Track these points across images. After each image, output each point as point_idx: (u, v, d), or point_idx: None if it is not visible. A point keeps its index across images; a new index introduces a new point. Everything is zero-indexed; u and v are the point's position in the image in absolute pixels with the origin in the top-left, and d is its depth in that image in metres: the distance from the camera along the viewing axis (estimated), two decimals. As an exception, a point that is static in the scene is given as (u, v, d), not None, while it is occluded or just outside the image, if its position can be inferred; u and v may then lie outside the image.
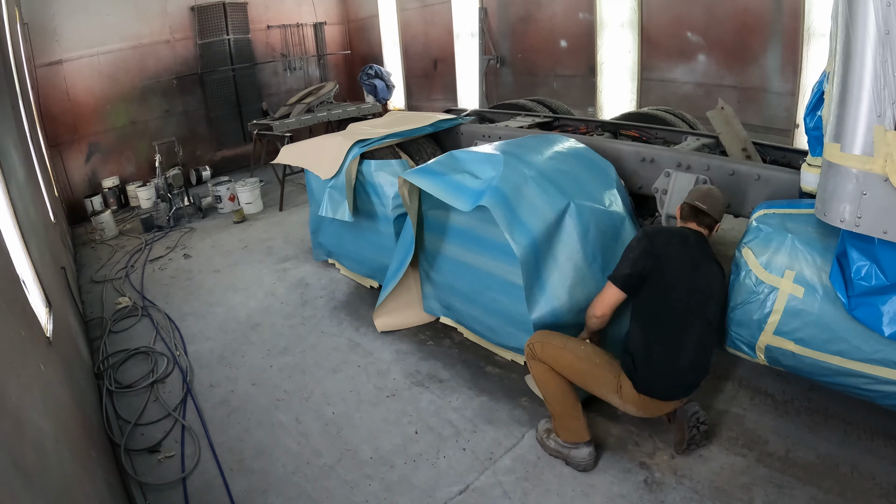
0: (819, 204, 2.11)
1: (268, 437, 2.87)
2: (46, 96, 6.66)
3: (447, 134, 4.80)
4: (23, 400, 1.62)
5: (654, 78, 6.68)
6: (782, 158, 3.60)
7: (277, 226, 6.07)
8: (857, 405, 2.63)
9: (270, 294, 4.44)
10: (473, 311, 3.37)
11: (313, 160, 4.27)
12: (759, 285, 2.40)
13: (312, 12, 9.49)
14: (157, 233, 6.18)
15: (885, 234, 1.90)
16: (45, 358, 2.18)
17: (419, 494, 2.45)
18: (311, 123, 7.51)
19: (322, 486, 2.53)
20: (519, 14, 7.92)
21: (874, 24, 1.77)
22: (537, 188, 2.93)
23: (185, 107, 8.13)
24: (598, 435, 2.67)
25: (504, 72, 8.39)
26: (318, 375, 3.33)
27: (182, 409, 3.13)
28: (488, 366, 3.28)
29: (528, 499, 2.37)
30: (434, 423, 2.85)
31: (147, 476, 2.67)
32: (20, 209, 3.00)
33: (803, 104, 4.50)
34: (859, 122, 1.86)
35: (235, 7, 8.29)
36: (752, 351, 2.54)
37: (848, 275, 2.11)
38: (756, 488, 2.32)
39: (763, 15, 5.57)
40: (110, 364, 3.62)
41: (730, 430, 2.64)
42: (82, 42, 6.91)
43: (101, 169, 7.39)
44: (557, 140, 3.60)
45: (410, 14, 9.46)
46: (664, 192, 3.37)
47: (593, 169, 3.33)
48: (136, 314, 4.29)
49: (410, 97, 10.16)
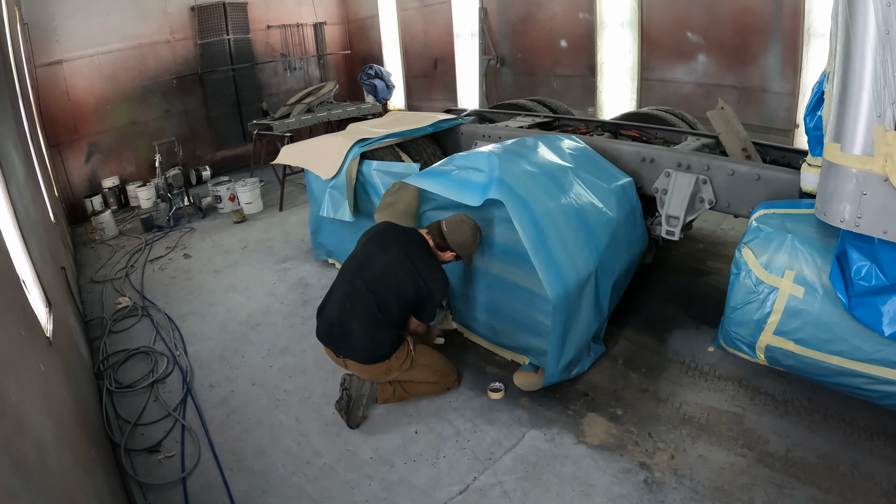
0: (819, 204, 2.11)
1: (268, 437, 2.87)
2: (46, 96, 6.66)
3: (447, 134, 4.80)
4: (23, 400, 1.62)
5: (654, 78, 6.69)
6: (782, 158, 3.60)
7: (277, 226, 6.07)
8: (857, 405, 2.63)
9: (270, 294, 4.44)
10: (474, 311, 3.38)
11: (313, 160, 4.27)
12: (759, 285, 2.41)
13: (312, 12, 9.48)
14: (157, 233, 6.18)
15: (885, 234, 1.90)
16: (45, 358, 2.18)
17: (419, 494, 2.45)
18: (311, 123, 7.51)
19: (322, 486, 2.54)
20: (519, 14, 7.92)
21: (874, 24, 1.77)
22: (538, 180, 2.96)
23: (185, 107, 8.13)
24: (599, 435, 2.68)
25: (504, 72, 8.39)
26: (319, 375, 3.33)
27: (182, 409, 3.12)
28: (488, 366, 3.28)
29: (528, 499, 2.37)
30: (434, 423, 2.85)
31: (147, 476, 2.67)
32: (20, 209, 3.00)
33: (803, 104, 4.50)
34: (859, 122, 1.86)
35: (235, 7, 8.29)
36: (752, 351, 2.54)
37: (848, 275, 2.11)
38: (756, 488, 2.31)
39: (763, 15, 5.57)
40: (110, 364, 3.62)
41: (730, 430, 2.64)
42: (82, 42, 6.90)
43: (101, 169, 7.38)
44: (558, 139, 3.61)
45: (410, 14, 9.46)
46: (664, 192, 3.37)
47: (591, 165, 3.34)
48: (136, 314, 4.29)
49: (410, 97, 10.16)
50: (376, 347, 2.73)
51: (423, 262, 2.74)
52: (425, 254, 2.79)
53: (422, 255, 2.77)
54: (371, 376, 2.84)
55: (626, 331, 3.48)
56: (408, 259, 2.71)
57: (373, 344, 2.72)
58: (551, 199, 2.91)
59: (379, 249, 2.75)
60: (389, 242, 2.77)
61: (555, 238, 2.76)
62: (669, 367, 3.13)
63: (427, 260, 2.77)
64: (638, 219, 3.36)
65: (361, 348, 2.73)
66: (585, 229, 2.94)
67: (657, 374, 3.09)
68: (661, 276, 4.12)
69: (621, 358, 3.24)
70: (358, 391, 2.88)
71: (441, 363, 3.02)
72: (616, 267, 3.10)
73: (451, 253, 2.84)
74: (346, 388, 2.88)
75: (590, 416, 2.82)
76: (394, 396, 2.95)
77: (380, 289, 2.68)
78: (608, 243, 3.01)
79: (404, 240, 2.80)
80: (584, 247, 2.88)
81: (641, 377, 3.07)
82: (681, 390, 2.94)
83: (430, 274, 2.73)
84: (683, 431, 2.66)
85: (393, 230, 2.87)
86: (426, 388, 2.99)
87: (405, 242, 2.78)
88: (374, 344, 2.72)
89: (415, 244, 2.80)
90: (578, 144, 3.55)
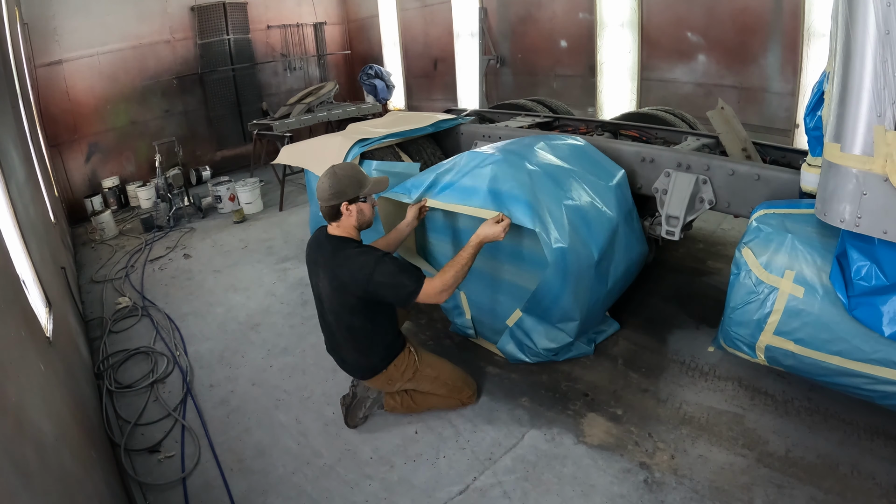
0: (819, 204, 2.11)
1: (268, 437, 2.87)
2: (46, 96, 6.66)
3: (447, 134, 4.80)
4: (23, 400, 1.62)
5: (654, 78, 6.69)
6: (782, 158, 3.60)
7: (277, 226, 6.07)
8: (857, 405, 2.63)
9: (270, 294, 4.44)
10: (474, 311, 3.38)
11: (313, 160, 4.27)
12: (759, 285, 2.40)
13: (312, 12, 9.49)
14: (157, 233, 6.18)
15: (885, 234, 1.89)
16: (45, 358, 2.18)
17: (419, 494, 2.45)
18: (311, 123, 7.51)
19: (322, 486, 2.54)
20: (519, 14, 7.93)
21: (874, 24, 1.77)
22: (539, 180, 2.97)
23: (185, 107, 8.13)
24: (599, 435, 2.68)
25: (504, 72, 8.39)
26: (319, 375, 3.33)
27: (182, 409, 3.13)
28: (488, 366, 3.28)
29: (528, 499, 2.38)
30: (434, 423, 2.85)
31: (147, 476, 2.67)
32: (20, 209, 3.00)
33: (803, 104, 4.50)
34: (859, 122, 1.86)
35: (235, 7, 8.29)
36: (752, 351, 2.54)
37: (848, 275, 2.11)
38: (756, 488, 2.31)
39: (763, 15, 5.57)
40: (110, 364, 3.62)
41: (730, 430, 2.64)
42: (82, 42, 6.90)
43: (101, 169, 7.39)
44: (558, 138, 3.60)
45: (410, 14, 9.46)
46: (664, 192, 3.37)
47: (591, 163, 3.34)
48: (136, 314, 4.29)
49: (410, 97, 10.16)
50: (368, 364, 2.68)
51: (339, 264, 2.45)
52: (338, 253, 2.47)
53: (335, 258, 2.47)
54: (377, 387, 2.81)
55: (626, 331, 3.48)
56: (329, 275, 2.49)
57: (364, 361, 2.68)
58: (552, 198, 2.91)
59: (313, 278, 2.65)
60: (314, 267, 2.63)
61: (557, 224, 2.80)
62: (669, 367, 3.14)
63: (343, 257, 2.46)
64: (635, 219, 3.36)
65: (357, 368, 2.73)
66: (587, 228, 2.94)
67: (657, 374, 3.09)
68: (661, 276, 4.12)
69: (621, 358, 3.24)
70: (364, 392, 2.87)
71: (452, 376, 2.86)
72: (615, 268, 3.11)
73: (343, 206, 2.48)
74: (354, 386, 2.90)
75: (590, 416, 2.82)
76: (401, 406, 2.88)
77: (337, 315, 2.57)
78: (608, 242, 3.01)
79: (320, 256, 2.55)
80: (584, 244, 2.89)
81: (641, 377, 3.07)
82: (681, 390, 2.94)
83: (351, 269, 2.41)
84: (683, 431, 2.66)
85: (312, 250, 2.65)
86: (436, 401, 2.87)
87: (322, 259, 2.53)
88: (365, 361, 2.68)
89: (328, 254, 2.51)
90: (578, 143, 3.55)
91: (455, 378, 2.87)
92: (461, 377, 2.91)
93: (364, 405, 2.86)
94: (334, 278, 2.47)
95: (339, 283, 2.46)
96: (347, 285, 2.43)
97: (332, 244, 2.52)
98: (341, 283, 2.45)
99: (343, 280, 2.44)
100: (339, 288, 2.47)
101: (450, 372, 2.87)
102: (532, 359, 3.14)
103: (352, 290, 2.44)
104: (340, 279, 2.44)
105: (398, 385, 2.76)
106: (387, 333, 2.66)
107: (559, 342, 3.06)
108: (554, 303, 2.88)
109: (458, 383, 2.87)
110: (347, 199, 2.48)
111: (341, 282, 2.45)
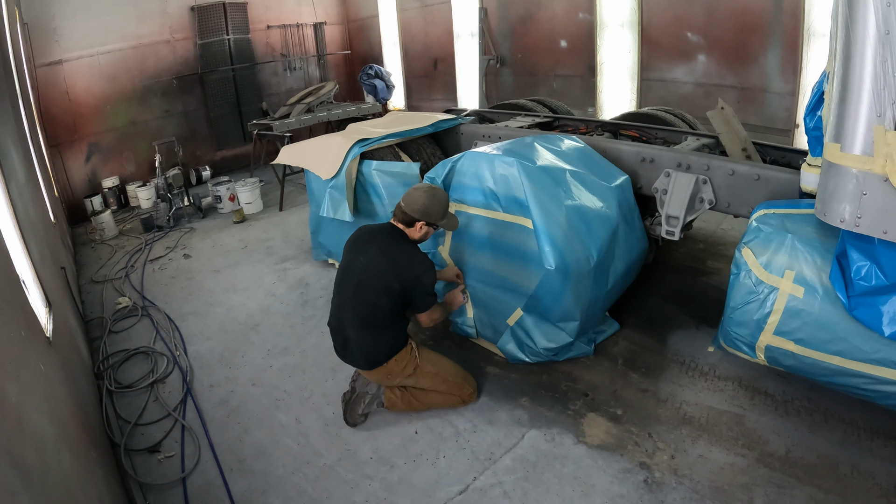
0: (819, 204, 2.11)
1: (268, 437, 2.87)
2: (46, 96, 6.66)
3: (447, 134, 4.80)
4: (23, 400, 1.62)
5: (654, 78, 6.69)
6: (782, 158, 3.60)
7: (277, 226, 6.07)
8: (857, 405, 2.63)
9: (270, 294, 4.44)
10: (476, 310, 3.38)
11: (313, 160, 4.27)
12: (759, 285, 2.41)
13: (312, 12, 9.49)
14: (157, 233, 6.18)
15: (885, 234, 1.89)
16: (45, 358, 2.18)
17: (419, 494, 2.45)
18: (311, 123, 7.51)
19: (322, 486, 2.54)
20: (519, 14, 7.92)
21: (874, 24, 1.77)
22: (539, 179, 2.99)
23: (185, 107, 8.13)
24: (599, 435, 2.68)
25: (504, 72, 8.39)
26: (319, 375, 3.33)
27: (182, 409, 3.12)
28: (488, 366, 3.28)
29: (527, 499, 2.37)
30: (434, 423, 2.85)
31: (147, 476, 2.67)
32: (20, 209, 3.00)
33: (803, 104, 4.50)
34: (859, 122, 1.86)
35: (235, 7, 8.29)
36: (752, 351, 2.54)
37: (848, 275, 2.11)
38: (756, 488, 2.31)
39: (763, 15, 5.57)
40: (110, 364, 3.62)
41: (730, 430, 2.64)
42: (82, 42, 6.90)
43: (101, 169, 7.39)
44: (558, 139, 3.61)
45: (410, 14, 9.46)
46: (664, 192, 3.37)
47: (591, 164, 3.35)
48: (136, 314, 4.29)
49: (410, 97, 10.16)
50: (372, 352, 2.71)
51: (399, 251, 2.67)
52: (401, 243, 2.71)
53: (397, 245, 2.69)
54: (376, 380, 2.83)
55: (626, 331, 3.48)
56: (384, 254, 2.65)
57: (369, 349, 2.71)
58: (552, 199, 2.92)
59: (357, 254, 2.72)
60: (365, 244, 2.73)
61: (555, 228, 2.83)
62: (669, 367, 3.14)
63: (404, 247, 2.69)
64: (636, 220, 3.37)
65: (360, 354, 2.73)
66: (586, 227, 2.95)
67: (657, 374, 3.09)
68: (661, 276, 4.12)
69: (621, 358, 3.24)
70: (363, 388, 2.87)
71: (452, 373, 2.90)
72: (615, 268, 3.11)
73: (420, 224, 2.71)
74: (354, 381, 2.91)
75: (590, 416, 2.82)
76: (401, 402, 2.88)
77: (365, 291, 2.65)
78: (608, 243, 3.02)
79: (378, 237, 2.74)
80: (584, 245, 2.89)
81: (641, 377, 3.07)
82: (681, 390, 2.94)
83: (408, 260, 2.64)
84: (683, 431, 2.66)
85: (367, 231, 2.81)
86: (437, 399, 2.89)
87: (379, 240, 2.72)
88: (370, 349, 2.71)
89: (388, 238, 2.73)
90: (578, 144, 3.55)
91: (455, 375, 2.91)
92: (461, 374, 2.94)
93: (363, 401, 2.86)
94: (391, 259, 2.64)
95: (393, 266, 2.62)
96: (400, 269, 2.61)
97: (399, 235, 2.75)
98: (395, 266, 2.62)
99: (398, 264, 2.62)
100: (390, 269, 2.62)
101: (450, 369, 2.91)
102: (532, 358, 3.14)
103: (399, 275, 2.61)
104: (396, 262, 2.62)
105: (397, 380, 2.80)
106: (398, 326, 2.77)
107: (559, 342, 3.06)
108: (555, 301, 2.88)
109: (458, 380, 2.90)
110: (427, 221, 2.71)
111: (395, 265, 2.62)
